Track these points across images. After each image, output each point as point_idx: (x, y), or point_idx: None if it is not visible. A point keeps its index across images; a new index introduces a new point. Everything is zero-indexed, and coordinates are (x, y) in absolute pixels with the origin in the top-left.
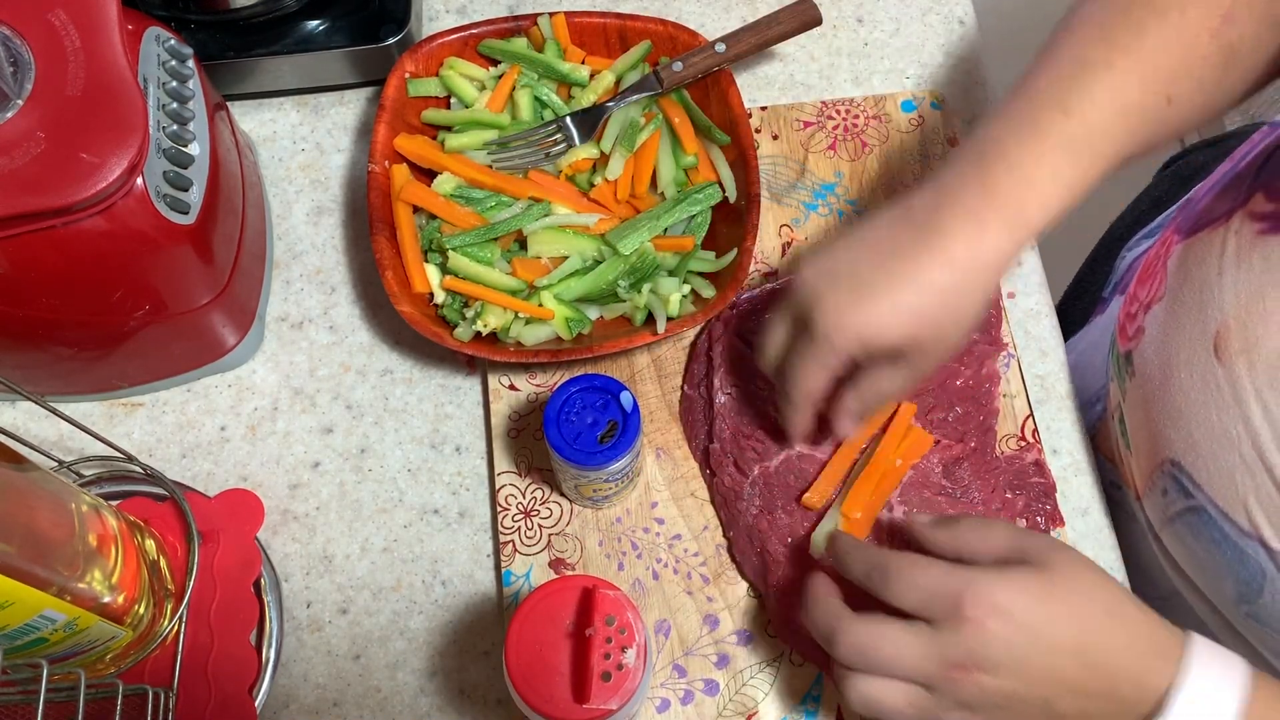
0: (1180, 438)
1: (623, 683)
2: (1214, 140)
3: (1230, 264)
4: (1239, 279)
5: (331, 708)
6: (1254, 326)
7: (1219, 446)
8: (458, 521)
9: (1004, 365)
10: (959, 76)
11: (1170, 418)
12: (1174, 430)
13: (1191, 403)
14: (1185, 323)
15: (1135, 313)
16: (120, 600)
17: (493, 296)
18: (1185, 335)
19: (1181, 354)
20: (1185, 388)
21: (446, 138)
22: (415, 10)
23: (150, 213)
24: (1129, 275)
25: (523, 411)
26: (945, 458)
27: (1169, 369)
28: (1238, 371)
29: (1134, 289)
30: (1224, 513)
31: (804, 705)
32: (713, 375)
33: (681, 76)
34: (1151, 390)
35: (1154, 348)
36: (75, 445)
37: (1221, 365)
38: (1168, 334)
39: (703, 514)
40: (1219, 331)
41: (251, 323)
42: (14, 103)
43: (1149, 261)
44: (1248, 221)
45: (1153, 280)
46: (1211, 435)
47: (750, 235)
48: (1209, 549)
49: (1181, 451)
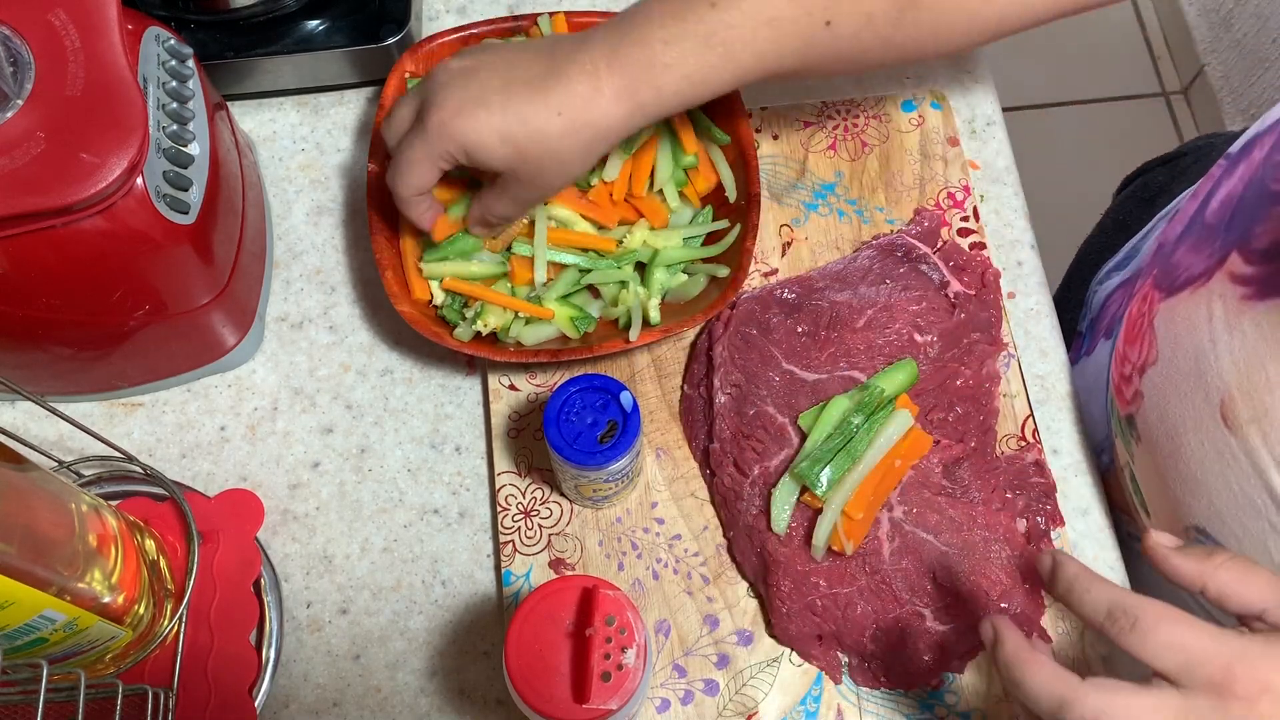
0: (1201, 506)
1: (623, 683)
2: (1168, 158)
3: (1221, 331)
4: (1234, 346)
5: (331, 708)
6: (1260, 397)
7: (1246, 515)
8: (458, 521)
9: (1004, 365)
10: (959, 76)
11: (1187, 486)
12: (1194, 498)
13: (1208, 472)
14: (1185, 389)
15: (1130, 375)
16: (120, 600)
17: (493, 296)
18: (1188, 403)
19: (1188, 422)
20: (1199, 456)
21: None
22: (415, 10)
23: (150, 213)
24: (1106, 315)
25: (523, 411)
26: (945, 458)
27: (1177, 437)
28: (1253, 443)
29: (1123, 348)
30: None
31: (804, 705)
32: (713, 375)
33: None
34: (1161, 458)
35: (1157, 414)
36: (75, 445)
37: (1234, 435)
38: (1169, 401)
39: (703, 514)
40: (1224, 401)
41: (251, 323)
42: (14, 103)
43: (1133, 319)
44: (1230, 284)
45: (1141, 342)
46: (1236, 504)
47: (750, 235)
48: None
49: (1205, 519)
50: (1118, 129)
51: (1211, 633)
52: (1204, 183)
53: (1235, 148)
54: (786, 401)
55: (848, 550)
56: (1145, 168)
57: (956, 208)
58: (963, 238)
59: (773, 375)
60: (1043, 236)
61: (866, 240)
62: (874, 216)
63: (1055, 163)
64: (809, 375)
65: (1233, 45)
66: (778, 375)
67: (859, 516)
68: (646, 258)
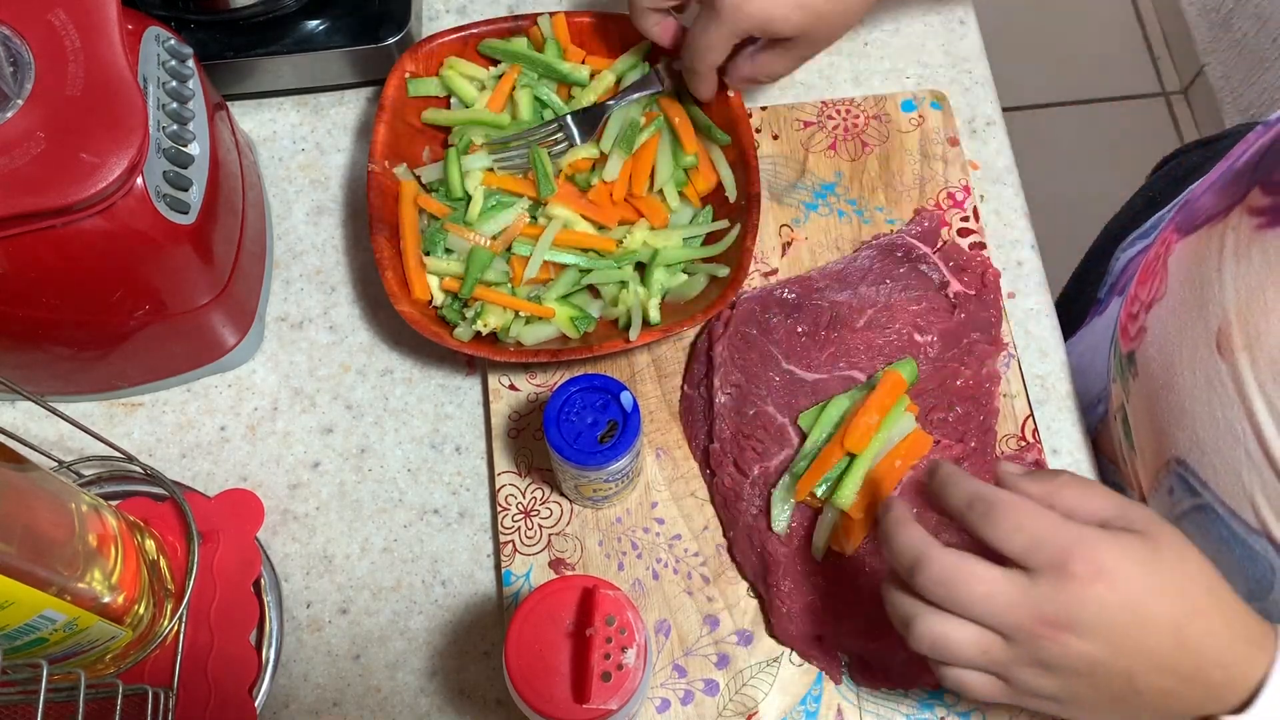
0: (1185, 436)
1: (623, 683)
2: (1208, 140)
3: (1230, 260)
4: (1239, 275)
5: (331, 708)
6: (1255, 321)
7: (1224, 443)
8: (458, 521)
9: (1004, 365)
10: (959, 76)
11: (1175, 416)
12: (1179, 429)
13: (1196, 400)
14: (1187, 321)
15: (1137, 313)
16: (120, 600)
17: (493, 296)
18: (1188, 333)
19: (1184, 352)
20: (1189, 386)
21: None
22: (415, 10)
23: (150, 213)
24: (1125, 276)
25: (523, 411)
26: (945, 458)
27: (1172, 368)
28: (1240, 367)
29: (1134, 289)
30: (1231, 510)
31: (804, 705)
32: (713, 375)
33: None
34: (1155, 389)
35: (1156, 347)
36: (75, 445)
37: (1224, 362)
38: (1170, 333)
39: (703, 514)
40: (1221, 328)
41: (251, 323)
42: (14, 103)
43: (1149, 261)
44: (1245, 217)
45: (1153, 280)
46: (1216, 432)
47: (750, 235)
48: (1217, 547)
49: (1187, 449)
50: (1118, 129)
51: (1056, 520)
52: (1240, 146)
53: (1275, 114)
54: (786, 401)
55: (847, 551)
56: (1184, 148)
57: (956, 208)
58: (963, 238)
59: (773, 375)
60: (1043, 236)
61: (866, 240)
62: (874, 216)
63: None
64: (809, 375)
65: (1233, 45)
66: (778, 375)
67: (859, 517)
68: (646, 258)
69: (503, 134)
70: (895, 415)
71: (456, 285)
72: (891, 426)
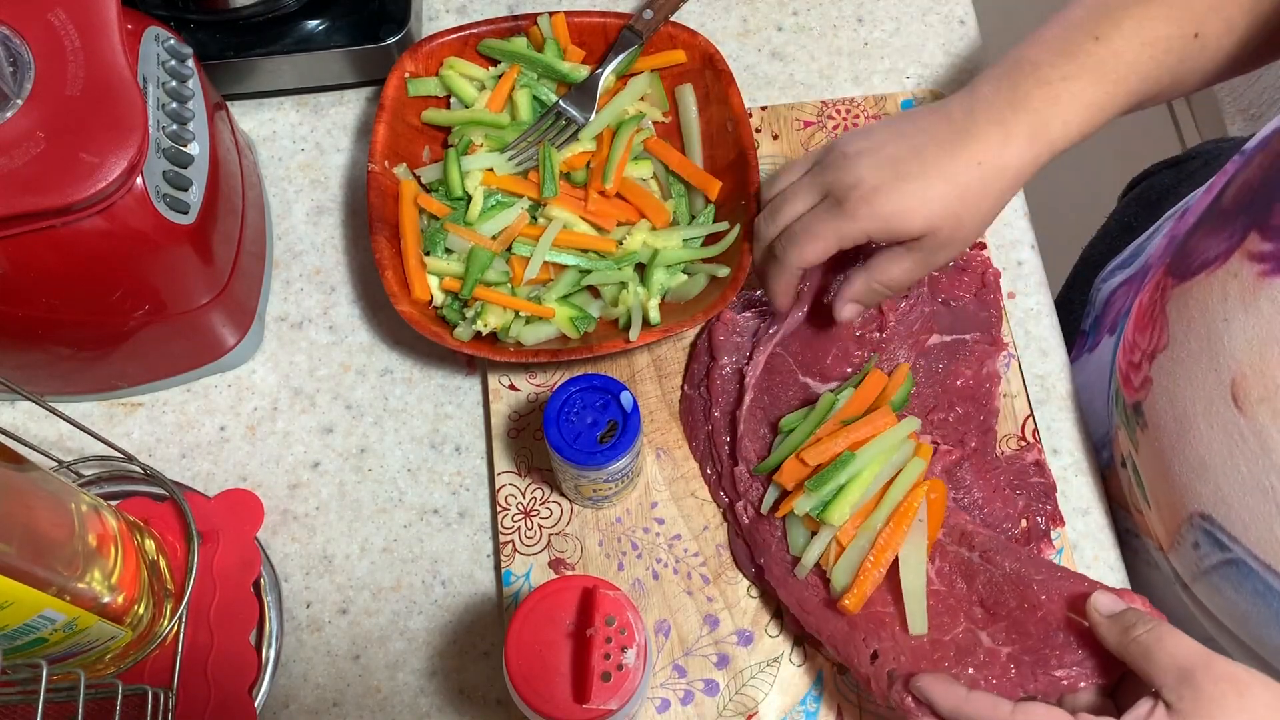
0: (1208, 490)
1: (623, 683)
2: (1175, 161)
3: (1236, 309)
4: (1248, 324)
5: (331, 708)
6: (1272, 373)
7: (1253, 499)
8: (458, 521)
9: (1004, 365)
10: (959, 76)
11: (1194, 470)
12: (1200, 483)
13: (1216, 454)
14: (1196, 372)
15: (1139, 362)
16: (120, 600)
17: (493, 296)
18: (1199, 385)
19: (1198, 404)
20: (1206, 439)
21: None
22: (415, 10)
23: (150, 213)
24: (1112, 311)
25: (523, 411)
26: (946, 463)
27: (1185, 420)
28: (1262, 421)
29: (1132, 335)
30: (1266, 564)
31: (804, 705)
32: (714, 371)
33: (655, 21)
34: (1168, 443)
35: (1166, 398)
36: (75, 445)
37: (1243, 415)
38: (1179, 384)
39: (703, 514)
40: (1235, 380)
41: (251, 323)
42: (14, 103)
43: (1144, 307)
44: (1246, 263)
45: (1153, 328)
46: (1243, 487)
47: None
48: (1252, 600)
49: (1211, 504)
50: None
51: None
52: (1218, 177)
53: (1252, 143)
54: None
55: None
56: (1151, 170)
57: None
58: None
59: (791, 394)
60: (1043, 236)
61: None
62: None
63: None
64: (823, 387)
65: None
66: (794, 389)
67: (845, 543)
68: (646, 258)
69: (502, 135)
70: (893, 437)
71: (456, 285)
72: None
